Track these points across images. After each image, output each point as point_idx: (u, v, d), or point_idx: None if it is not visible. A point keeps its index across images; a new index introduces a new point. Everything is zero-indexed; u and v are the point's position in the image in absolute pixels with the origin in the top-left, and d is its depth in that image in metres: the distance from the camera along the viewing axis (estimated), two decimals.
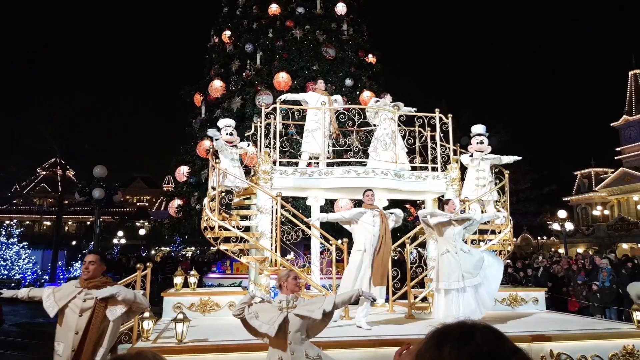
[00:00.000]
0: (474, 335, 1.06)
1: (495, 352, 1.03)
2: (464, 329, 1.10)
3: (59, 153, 28.95)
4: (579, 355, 5.79)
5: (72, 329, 3.89)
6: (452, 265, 6.45)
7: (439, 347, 1.07)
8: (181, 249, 38.12)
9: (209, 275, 14.72)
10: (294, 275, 4.24)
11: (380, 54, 17.05)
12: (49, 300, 3.98)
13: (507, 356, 1.03)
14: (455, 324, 1.13)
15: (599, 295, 10.92)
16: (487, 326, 1.12)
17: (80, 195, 12.78)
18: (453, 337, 1.07)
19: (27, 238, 28.95)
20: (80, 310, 3.92)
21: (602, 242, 34.80)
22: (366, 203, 6.89)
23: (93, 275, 4.07)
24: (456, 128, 9.23)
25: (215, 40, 17.20)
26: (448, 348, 1.05)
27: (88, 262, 4.09)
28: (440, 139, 8.88)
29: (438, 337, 1.10)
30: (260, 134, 8.75)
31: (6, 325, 13.31)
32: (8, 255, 25.24)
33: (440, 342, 1.08)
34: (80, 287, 4.03)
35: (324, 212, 8.63)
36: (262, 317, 3.98)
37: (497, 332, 1.10)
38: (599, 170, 43.40)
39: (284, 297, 4.12)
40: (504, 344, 1.07)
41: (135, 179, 61.65)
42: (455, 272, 6.40)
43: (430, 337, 1.11)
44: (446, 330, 1.11)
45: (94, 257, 4.13)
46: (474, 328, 1.09)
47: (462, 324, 1.12)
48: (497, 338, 1.08)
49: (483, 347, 1.03)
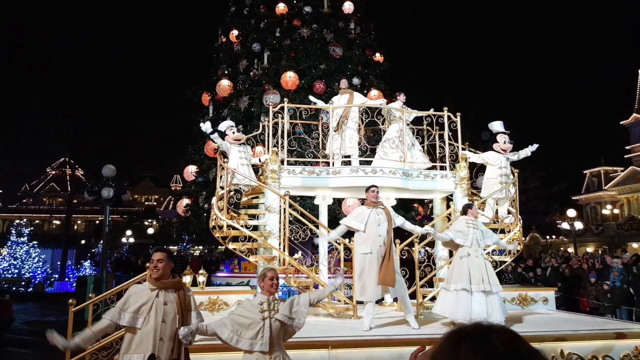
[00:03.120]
0: (490, 337, 1.05)
1: (511, 353, 1.02)
2: (480, 330, 1.09)
3: (67, 153, 29.20)
4: (589, 356, 5.73)
5: (153, 336, 3.63)
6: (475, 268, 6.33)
7: (455, 348, 1.06)
8: (189, 248, 38.28)
9: (217, 274, 14.76)
10: (271, 275, 3.91)
11: (387, 52, 17.02)
12: (126, 315, 3.66)
13: (524, 358, 1.02)
14: (471, 326, 1.12)
15: (610, 295, 10.83)
16: (503, 327, 1.11)
17: (89, 195, 12.85)
18: (469, 339, 1.06)
19: (36, 237, 29.21)
20: (163, 315, 3.69)
21: (611, 242, 34.54)
22: (369, 200, 6.54)
23: (163, 273, 3.82)
24: (464, 127, 9.18)
25: (222, 39, 17.24)
26: (464, 349, 1.04)
27: (156, 260, 3.82)
28: (448, 138, 8.84)
29: (454, 339, 1.09)
30: (268, 133, 8.76)
31: (16, 323, 13.43)
32: (18, 254, 25.48)
33: (456, 343, 1.07)
34: (155, 288, 3.78)
35: (331, 211, 8.61)
36: (245, 333, 3.67)
37: (513, 333, 1.09)
38: (608, 169, 43.02)
39: (264, 298, 3.82)
40: (520, 345, 1.06)
41: (144, 179, 61.99)
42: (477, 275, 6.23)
43: (446, 338, 1.10)
44: (462, 332, 1.10)
45: (162, 254, 3.87)
46: (490, 329, 1.08)
47: (478, 325, 1.11)
48: (513, 339, 1.07)
49: (499, 348, 1.03)
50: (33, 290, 23.54)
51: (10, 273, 24.83)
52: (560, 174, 35.63)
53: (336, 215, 11.82)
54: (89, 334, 3.72)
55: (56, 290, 23.95)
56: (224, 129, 8.55)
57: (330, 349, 5.26)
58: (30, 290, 23.55)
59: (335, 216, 11.77)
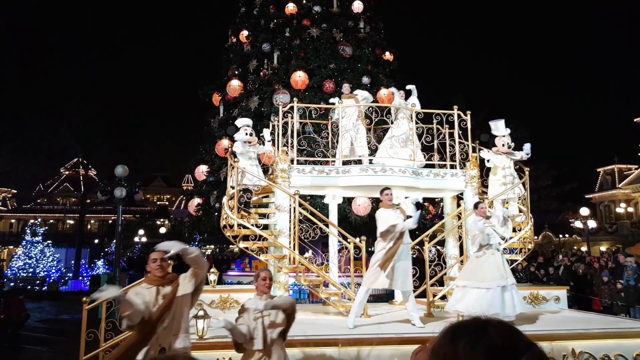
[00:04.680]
0: (488, 330, 1.07)
1: (508, 346, 1.05)
2: (478, 324, 1.11)
3: (80, 153, 29.54)
4: (602, 355, 5.68)
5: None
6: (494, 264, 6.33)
7: (453, 342, 1.08)
8: (201, 247, 38.51)
9: (229, 273, 14.87)
10: (263, 276, 3.97)
11: (397, 50, 16.98)
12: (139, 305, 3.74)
13: (522, 350, 1.04)
14: (469, 320, 1.14)
15: (624, 294, 10.72)
16: (501, 321, 1.13)
17: (102, 195, 13.00)
18: (467, 333, 1.08)
19: (51, 236, 29.61)
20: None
21: (625, 240, 34.07)
22: (386, 202, 6.58)
23: (165, 270, 3.94)
24: (474, 125, 9.14)
25: (232, 40, 17.35)
26: (462, 343, 1.06)
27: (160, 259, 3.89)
28: (458, 136, 8.81)
29: (452, 333, 1.11)
30: (277, 132, 8.80)
31: (31, 321, 13.65)
32: (33, 253, 25.86)
33: (455, 337, 1.09)
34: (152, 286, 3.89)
35: (341, 210, 8.59)
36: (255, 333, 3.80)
37: (511, 327, 1.11)
38: (622, 167, 42.41)
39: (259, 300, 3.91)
40: (517, 338, 1.07)
41: (155, 178, 62.34)
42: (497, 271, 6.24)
43: (445, 333, 1.12)
44: (460, 326, 1.13)
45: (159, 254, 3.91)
46: (488, 323, 1.10)
47: (476, 320, 1.13)
48: (510, 332, 1.09)
49: (497, 341, 1.05)
50: (47, 288, 23.89)
51: (25, 272, 25.23)
52: (573, 172, 35.21)
53: (346, 214, 11.83)
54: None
55: (70, 289, 24.26)
56: (240, 125, 8.79)
57: (340, 347, 5.29)
58: (45, 289, 23.90)
59: (345, 215, 11.78)
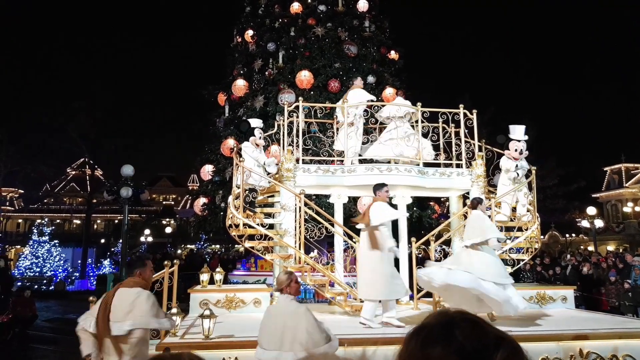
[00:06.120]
0: (454, 333, 1.02)
1: (478, 346, 0.99)
2: (443, 326, 1.04)
3: (87, 153, 29.66)
4: (609, 355, 5.63)
5: None
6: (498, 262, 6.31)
7: (423, 348, 1.02)
8: (206, 246, 38.59)
9: (234, 273, 14.86)
10: (296, 279, 4.10)
11: (403, 49, 16.93)
12: None
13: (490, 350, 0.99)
14: (432, 322, 1.07)
15: (631, 294, 10.65)
16: (465, 318, 1.06)
17: (108, 195, 13.06)
18: (435, 337, 1.03)
19: (57, 236, 29.77)
20: None
21: (633, 240, 33.84)
22: (384, 198, 6.51)
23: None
24: (480, 124, 9.09)
25: (237, 39, 17.35)
26: (435, 350, 1.00)
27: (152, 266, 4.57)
28: (464, 135, 8.77)
29: (418, 337, 1.05)
30: (283, 132, 8.80)
31: (38, 321, 13.72)
32: (40, 253, 26.00)
33: (423, 343, 1.03)
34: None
35: (346, 209, 8.59)
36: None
37: (476, 323, 1.05)
38: (629, 166, 42.10)
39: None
40: (485, 337, 1.01)
41: (161, 178, 62.52)
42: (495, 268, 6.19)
43: (410, 338, 1.06)
44: (425, 329, 1.06)
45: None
46: (452, 324, 1.04)
47: (439, 321, 1.07)
48: (475, 329, 1.03)
49: (465, 344, 0.99)
50: (54, 288, 24.03)
51: (33, 271, 25.36)
52: (580, 171, 34.92)
53: (351, 213, 11.81)
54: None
55: (77, 288, 24.39)
56: (254, 125, 9.02)
57: (346, 347, 5.28)
58: (52, 288, 24.04)
59: (350, 214, 11.76)
